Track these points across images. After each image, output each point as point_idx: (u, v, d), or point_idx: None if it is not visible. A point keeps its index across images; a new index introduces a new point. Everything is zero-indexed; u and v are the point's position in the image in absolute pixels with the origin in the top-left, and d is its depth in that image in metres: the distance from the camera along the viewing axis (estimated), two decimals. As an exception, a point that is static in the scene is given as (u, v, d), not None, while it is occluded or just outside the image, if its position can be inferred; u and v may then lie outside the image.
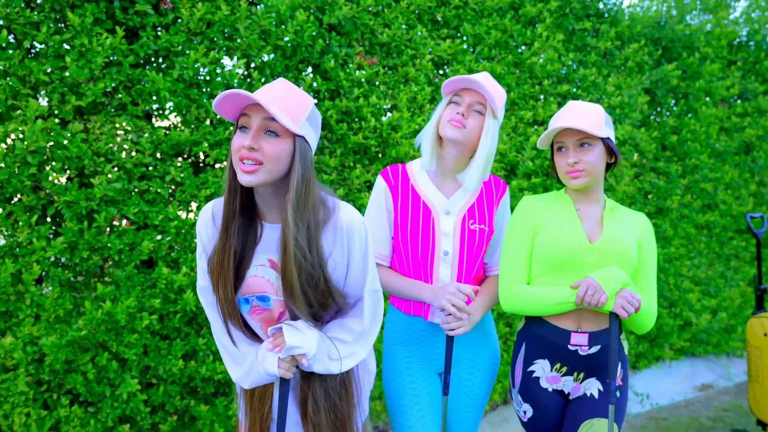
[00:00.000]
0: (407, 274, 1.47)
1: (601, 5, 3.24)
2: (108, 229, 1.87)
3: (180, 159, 2.02)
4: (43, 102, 1.79)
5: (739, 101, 3.97)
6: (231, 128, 2.03)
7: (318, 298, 1.08)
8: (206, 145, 1.97)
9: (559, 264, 1.33)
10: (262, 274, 1.09)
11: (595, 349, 1.35)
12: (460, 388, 1.48)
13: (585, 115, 1.32)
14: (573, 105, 1.36)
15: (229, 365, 1.15)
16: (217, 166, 2.10)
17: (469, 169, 1.40)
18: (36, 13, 1.72)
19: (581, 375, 1.38)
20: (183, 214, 1.98)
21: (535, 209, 1.41)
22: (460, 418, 1.48)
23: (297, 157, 1.01)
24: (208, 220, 1.11)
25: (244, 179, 0.99)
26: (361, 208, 2.36)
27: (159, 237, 1.93)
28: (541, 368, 1.39)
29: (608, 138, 1.35)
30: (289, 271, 1.02)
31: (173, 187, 1.99)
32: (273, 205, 1.07)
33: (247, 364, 1.11)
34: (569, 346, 1.35)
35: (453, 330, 1.33)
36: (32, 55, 1.78)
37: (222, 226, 1.06)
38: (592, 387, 1.38)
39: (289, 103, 1.01)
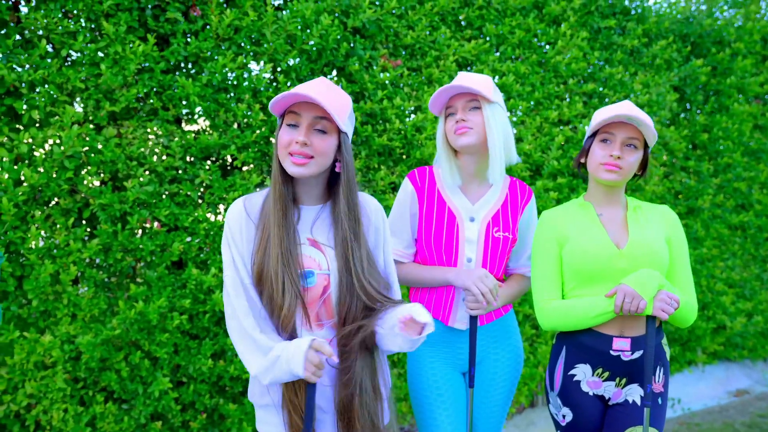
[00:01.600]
0: None
1: (627, 2, 3.15)
2: (140, 231, 1.90)
3: (209, 162, 2.05)
4: (79, 108, 1.84)
5: (773, 97, 3.81)
6: (258, 131, 2.04)
7: (366, 278, 1.13)
8: (234, 148, 1.99)
9: (590, 274, 1.31)
10: (305, 253, 1.14)
11: (637, 354, 1.32)
12: (483, 388, 1.47)
13: (645, 118, 1.30)
14: (631, 104, 1.34)
15: (252, 354, 1.07)
16: (245, 168, 2.11)
17: (488, 165, 1.39)
18: (72, 22, 1.77)
19: (623, 380, 1.34)
20: (212, 217, 2.01)
21: (557, 222, 1.39)
22: (484, 418, 1.47)
23: (344, 150, 1.12)
24: (241, 212, 1.13)
25: (296, 171, 1.08)
26: (386, 210, 2.34)
27: (189, 239, 1.96)
28: (583, 372, 1.36)
29: (649, 148, 1.36)
30: (344, 240, 1.12)
31: (202, 189, 2.01)
32: (312, 190, 1.16)
33: (274, 354, 1.05)
34: (611, 352, 1.32)
35: (474, 310, 1.34)
36: (69, 63, 1.83)
37: (279, 213, 1.10)
38: (634, 393, 1.35)
39: (336, 103, 1.09)
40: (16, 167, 1.68)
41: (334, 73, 2.30)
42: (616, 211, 1.38)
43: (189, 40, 1.97)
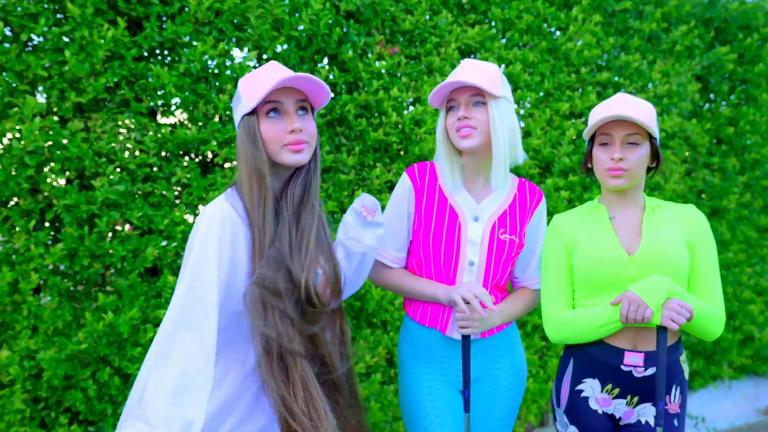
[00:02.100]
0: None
1: (644, -16, 3.05)
2: (110, 234, 1.84)
3: (187, 159, 1.98)
4: (41, 99, 1.77)
5: (804, 88, 3.69)
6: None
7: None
8: (215, 143, 1.92)
9: (599, 283, 1.29)
10: None
11: (651, 370, 1.27)
12: (483, 407, 1.43)
13: (639, 109, 1.26)
14: (624, 97, 1.30)
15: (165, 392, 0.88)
16: (227, 166, 2.02)
17: (493, 169, 1.34)
18: (33, 3, 1.69)
19: (635, 399, 1.30)
20: (190, 218, 1.94)
21: (567, 227, 1.37)
22: None
23: (317, 133, 1.14)
24: (237, 218, 1.06)
25: (297, 159, 1.07)
26: (382, 210, 2.24)
27: (164, 243, 1.89)
28: (591, 388, 1.32)
29: (656, 139, 1.30)
30: (324, 234, 1.13)
31: (179, 189, 1.94)
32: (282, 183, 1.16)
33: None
34: (622, 367, 1.28)
35: (465, 329, 1.29)
36: (30, 48, 1.76)
37: (257, 205, 1.07)
38: (648, 413, 1.30)
39: (314, 83, 1.08)
40: (-30, 164, 1.60)
41: (326, 61, 2.22)
42: (632, 214, 1.34)
43: (164, 24, 1.89)
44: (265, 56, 2.06)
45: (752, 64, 3.43)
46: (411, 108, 2.37)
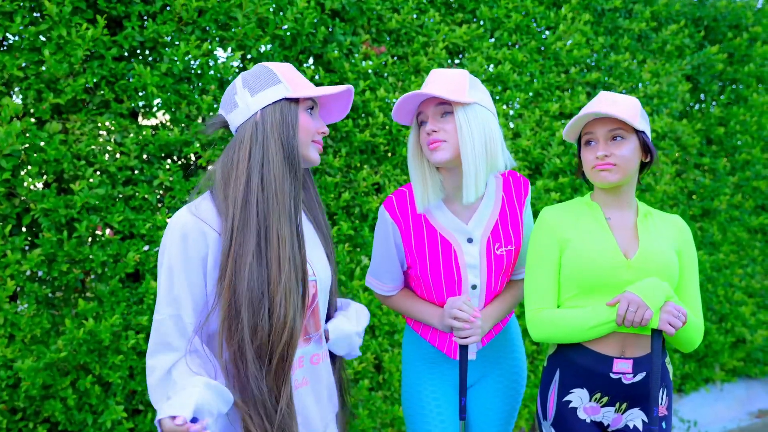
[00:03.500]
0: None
1: (634, -17, 3.21)
2: (90, 239, 1.88)
3: (169, 161, 2.03)
4: (17, 100, 1.81)
5: (794, 88, 3.90)
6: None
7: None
8: (198, 145, 1.98)
9: (592, 285, 1.30)
10: None
11: (640, 376, 1.31)
12: (479, 412, 1.48)
13: (618, 105, 1.30)
14: (605, 94, 1.34)
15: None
16: (210, 168, 2.10)
17: (464, 184, 1.30)
18: (8, 1, 1.74)
19: (624, 405, 1.34)
20: None
21: (559, 222, 1.36)
22: None
23: None
24: (203, 225, 1.06)
25: (318, 158, 1.18)
26: (369, 214, 2.35)
27: (146, 247, 1.93)
28: (579, 398, 1.35)
29: (644, 132, 1.32)
30: (330, 239, 1.24)
31: (161, 192, 1.99)
32: None
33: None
34: (611, 374, 1.31)
35: (464, 339, 1.33)
36: (5, 48, 1.80)
37: (292, 213, 1.09)
38: (636, 418, 1.35)
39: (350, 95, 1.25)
40: (-56, 167, 1.66)
41: (311, 61, 2.30)
42: (626, 216, 1.37)
43: (146, 23, 1.95)
44: (249, 56, 2.14)
45: (742, 63, 3.58)
46: None
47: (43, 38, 1.80)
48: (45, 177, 1.82)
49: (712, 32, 3.56)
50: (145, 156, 1.96)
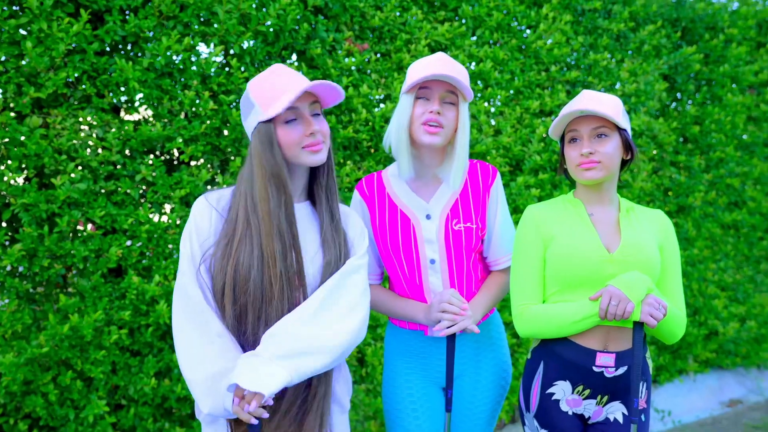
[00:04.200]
0: (400, 288, 1.50)
1: (613, -17, 3.27)
2: (71, 234, 1.87)
3: (151, 156, 2.02)
4: None
5: None
6: (207, 122, 2.04)
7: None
8: (180, 140, 1.98)
9: (576, 280, 1.32)
10: None
11: (622, 370, 1.34)
12: (464, 405, 1.49)
13: (603, 103, 1.32)
14: (588, 93, 1.36)
15: (201, 360, 1.09)
16: (193, 163, 2.10)
17: (451, 167, 1.40)
18: (-11, -5, 1.72)
19: (605, 398, 1.37)
20: (155, 217, 1.98)
21: (543, 219, 1.39)
22: None
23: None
24: (208, 207, 1.18)
25: (317, 159, 1.17)
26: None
27: (128, 243, 1.93)
28: (562, 390, 1.37)
29: (625, 130, 1.35)
30: (332, 234, 1.21)
31: (144, 187, 1.99)
32: (299, 184, 1.25)
33: (216, 368, 1.08)
34: (594, 368, 1.33)
35: (449, 328, 1.34)
36: None
37: (283, 209, 1.15)
38: (616, 411, 1.38)
39: (324, 85, 1.17)
40: None
41: (294, 57, 2.31)
42: (608, 212, 1.39)
43: (127, 17, 1.93)
44: (231, 51, 2.15)
45: (717, 64, 3.66)
46: (381, 105, 2.47)
47: (23, 31, 1.78)
48: (25, 171, 1.81)
49: (688, 33, 3.63)
50: (127, 151, 1.95)
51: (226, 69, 2.12)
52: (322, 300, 1.13)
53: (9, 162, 1.76)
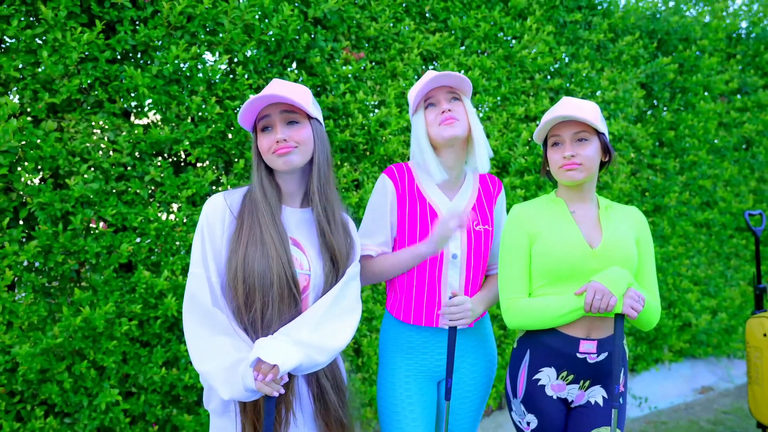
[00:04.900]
0: (412, 279, 1.50)
1: (593, -4, 3.38)
2: (84, 231, 1.91)
3: (160, 158, 2.07)
4: (15, 99, 1.83)
5: (738, 95, 4.14)
6: (213, 126, 2.10)
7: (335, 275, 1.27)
8: (187, 143, 2.03)
9: (561, 274, 1.36)
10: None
11: (603, 356, 1.39)
12: (460, 395, 1.53)
13: (583, 109, 1.38)
14: (568, 100, 1.41)
15: (218, 354, 1.13)
16: (199, 165, 2.16)
17: (476, 154, 1.47)
18: (6, 5, 1.76)
19: (587, 383, 1.42)
20: (163, 216, 2.03)
21: (528, 217, 1.43)
22: (459, 426, 1.53)
23: (315, 138, 1.26)
24: (221, 206, 1.23)
25: (285, 161, 1.21)
26: (349, 208, 2.45)
27: (138, 240, 1.98)
28: (547, 376, 1.41)
29: (604, 134, 1.41)
30: (329, 238, 1.25)
31: (153, 187, 2.03)
32: (295, 191, 1.29)
33: (232, 359, 1.12)
34: (578, 354, 1.37)
35: (455, 321, 1.37)
36: (2, 50, 1.82)
37: (269, 213, 1.22)
38: (597, 395, 1.42)
39: (295, 92, 1.23)
40: (-56, 163, 1.68)
41: (294, 65, 2.36)
42: (589, 209, 1.43)
43: (137, 27, 1.98)
44: (236, 59, 2.20)
45: (691, 73, 3.77)
46: (376, 110, 2.53)
47: (39, 41, 1.83)
48: (41, 173, 1.85)
49: (664, 44, 3.73)
50: (137, 153, 2.00)
51: (231, 76, 2.18)
52: (329, 307, 1.20)
53: (26, 163, 1.80)
